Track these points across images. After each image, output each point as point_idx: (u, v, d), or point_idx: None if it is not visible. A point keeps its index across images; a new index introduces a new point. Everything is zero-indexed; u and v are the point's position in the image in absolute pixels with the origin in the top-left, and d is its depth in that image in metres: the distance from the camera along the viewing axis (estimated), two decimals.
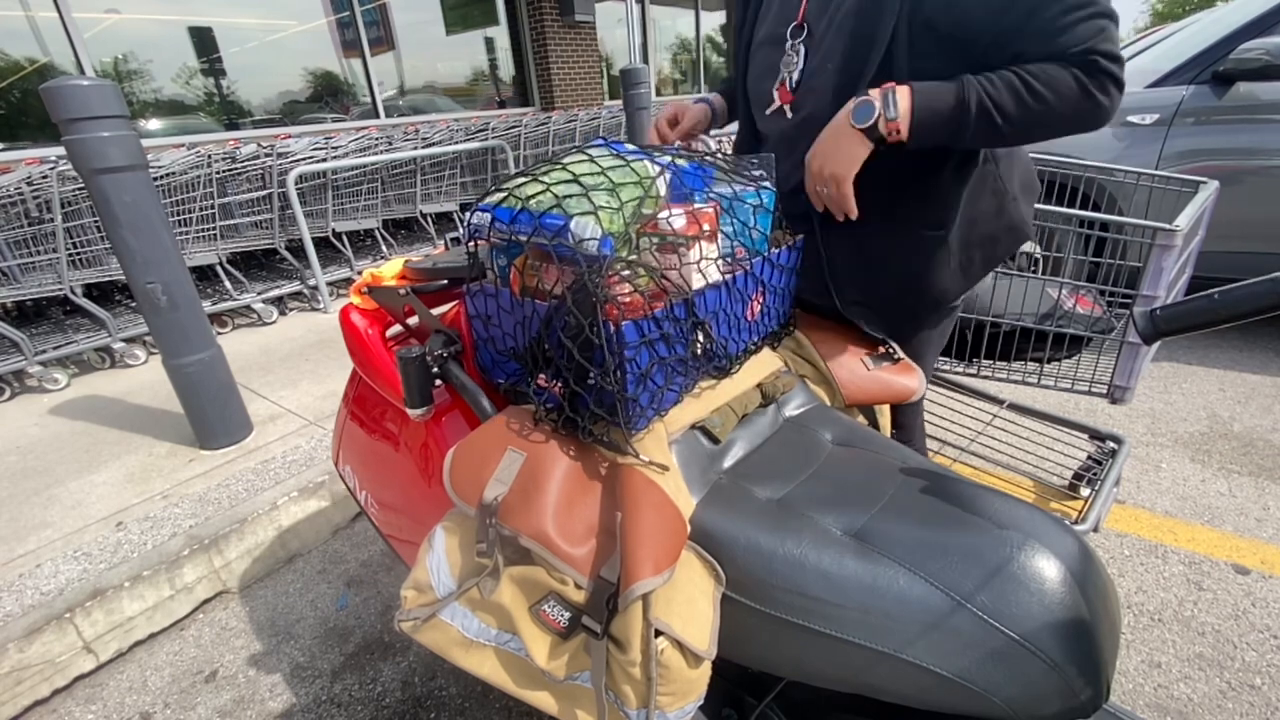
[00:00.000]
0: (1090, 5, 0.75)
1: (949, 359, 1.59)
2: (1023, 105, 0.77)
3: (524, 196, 0.77)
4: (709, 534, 0.74)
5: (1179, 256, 1.25)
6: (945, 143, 0.82)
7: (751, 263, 0.85)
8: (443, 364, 0.87)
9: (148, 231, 2.01)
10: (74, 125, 1.83)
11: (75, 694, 1.51)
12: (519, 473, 0.73)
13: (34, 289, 3.14)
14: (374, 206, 4.44)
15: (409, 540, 1.03)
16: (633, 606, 0.64)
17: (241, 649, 1.59)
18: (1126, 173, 1.76)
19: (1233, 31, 2.48)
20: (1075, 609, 0.59)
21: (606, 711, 0.68)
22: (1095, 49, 0.75)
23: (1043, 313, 1.43)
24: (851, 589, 0.64)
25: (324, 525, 2.00)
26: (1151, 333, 0.58)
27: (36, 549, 1.82)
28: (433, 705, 1.39)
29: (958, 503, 0.70)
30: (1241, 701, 1.25)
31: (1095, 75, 0.76)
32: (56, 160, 3.02)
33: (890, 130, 0.79)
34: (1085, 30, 0.75)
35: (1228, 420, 2.20)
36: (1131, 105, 2.60)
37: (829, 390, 1.03)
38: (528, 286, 0.79)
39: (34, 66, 4.48)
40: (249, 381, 2.84)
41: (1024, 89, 0.77)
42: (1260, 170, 2.42)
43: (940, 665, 0.60)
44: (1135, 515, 1.78)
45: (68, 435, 2.51)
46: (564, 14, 8.03)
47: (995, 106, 0.77)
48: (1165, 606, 1.48)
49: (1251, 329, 2.87)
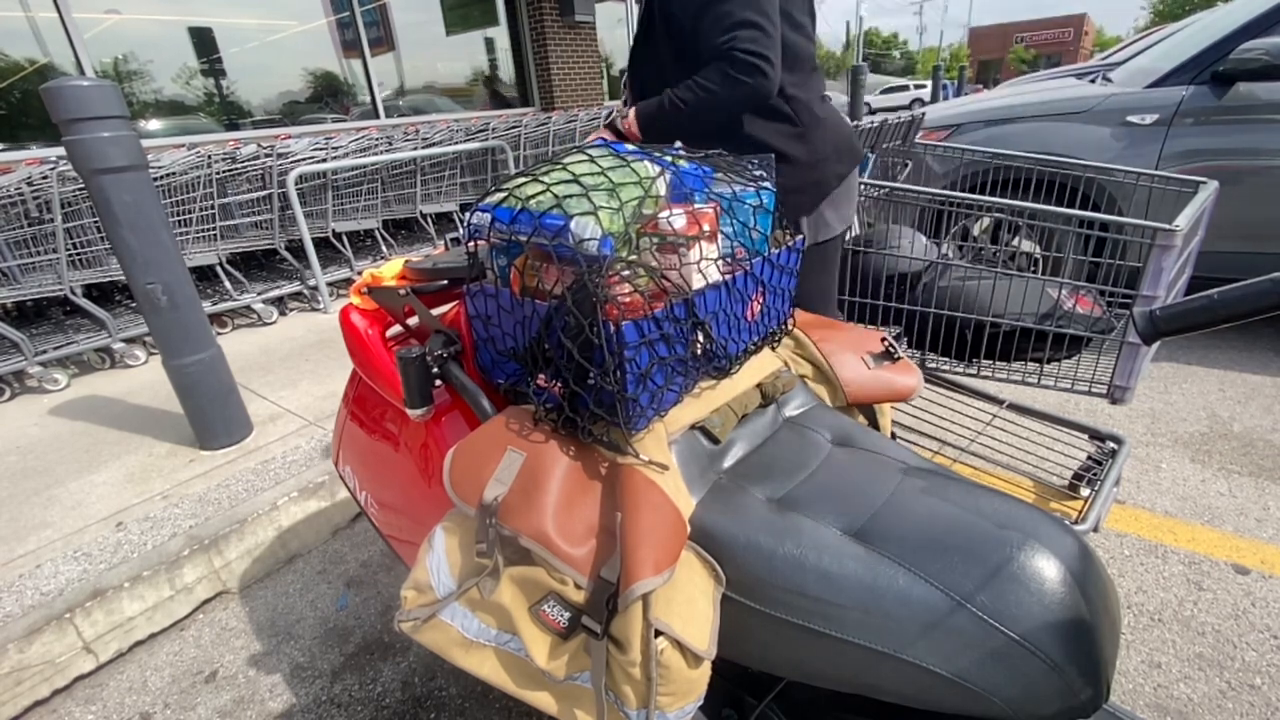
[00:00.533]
0: (731, 17, 1.08)
1: (949, 359, 1.59)
2: (692, 94, 1.13)
3: (524, 196, 0.77)
4: (709, 534, 0.74)
5: (1179, 256, 1.25)
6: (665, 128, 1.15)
7: (751, 263, 0.85)
8: (443, 364, 0.87)
9: (148, 232, 2.01)
10: (74, 125, 1.83)
11: (75, 694, 1.51)
12: (519, 473, 0.74)
13: (34, 289, 3.14)
14: (374, 207, 4.44)
15: (409, 540, 1.03)
16: (633, 606, 0.64)
17: (241, 649, 1.59)
18: (1126, 173, 1.76)
19: (1233, 31, 2.48)
20: (1075, 609, 0.59)
21: (606, 712, 0.68)
22: (734, 46, 1.08)
23: (1043, 313, 1.43)
24: (851, 589, 0.64)
25: (324, 525, 1.99)
26: (1151, 333, 0.58)
27: (36, 549, 1.82)
28: (433, 705, 1.39)
29: (958, 503, 0.70)
30: (1241, 701, 1.25)
31: (736, 64, 1.08)
32: (57, 160, 3.02)
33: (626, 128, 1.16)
34: (725, 36, 1.08)
35: (1228, 420, 2.20)
36: (1131, 105, 2.60)
37: (829, 390, 1.03)
38: (528, 286, 0.79)
39: (34, 67, 4.48)
40: (249, 382, 2.84)
41: (694, 85, 1.13)
42: (1260, 170, 2.42)
43: (940, 665, 0.60)
44: (1135, 515, 1.78)
45: (68, 435, 2.51)
46: (564, 14, 8.03)
47: (677, 99, 1.14)
48: (1165, 606, 1.48)
49: (1251, 329, 2.87)
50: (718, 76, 1.10)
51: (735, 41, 1.08)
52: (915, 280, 1.58)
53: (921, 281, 1.56)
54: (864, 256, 1.61)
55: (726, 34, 1.08)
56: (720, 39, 1.08)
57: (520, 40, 8.14)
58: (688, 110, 1.12)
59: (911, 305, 1.55)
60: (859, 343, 1.09)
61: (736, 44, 1.08)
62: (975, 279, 1.50)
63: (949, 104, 3.64)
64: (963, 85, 12.95)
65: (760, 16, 1.08)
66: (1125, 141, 2.60)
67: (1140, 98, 2.60)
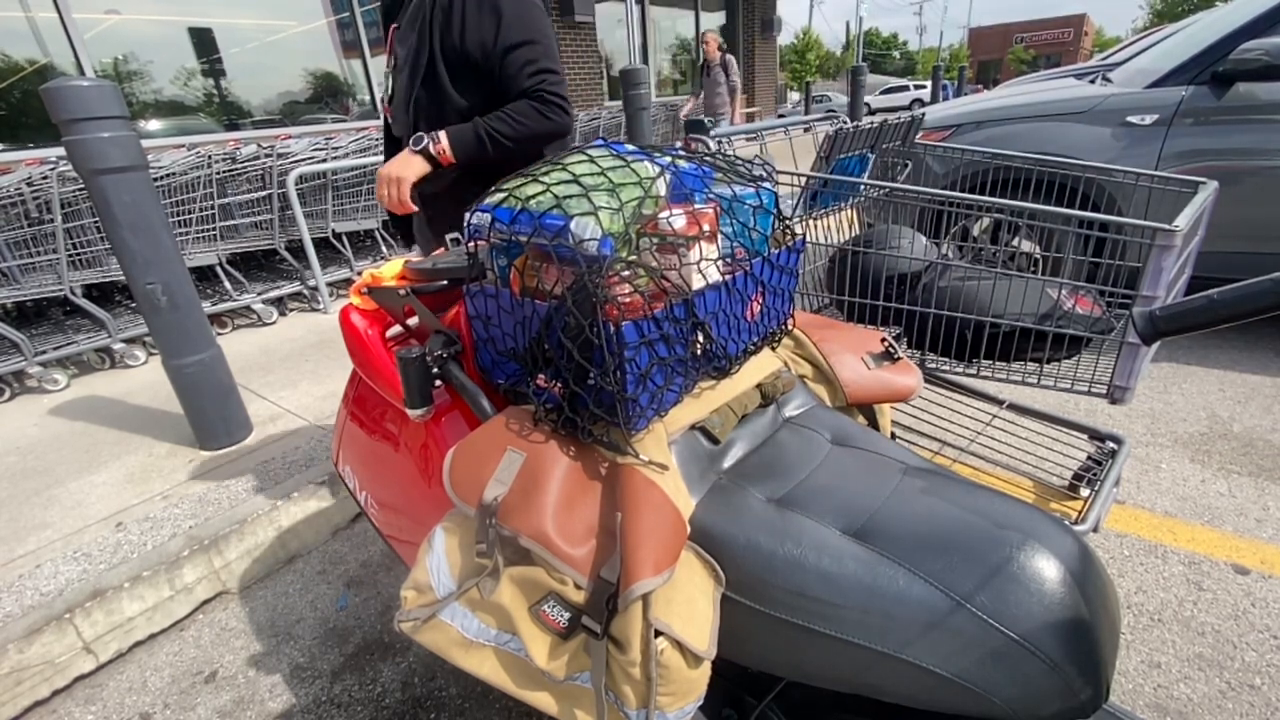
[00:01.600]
0: (537, 64, 1.26)
1: (949, 359, 1.59)
2: (510, 127, 1.27)
3: (524, 197, 0.77)
4: (709, 534, 0.74)
5: (1178, 257, 1.25)
6: (477, 155, 1.28)
7: (751, 263, 0.85)
8: (442, 364, 0.87)
9: (148, 232, 2.01)
10: (74, 126, 1.83)
11: (75, 694, 1.51)
12: (519, 473, 0.74)
13: (34, 289, 3.14)
14: (374, 207, 4.43)
15: (409, 541, 1.03)
16: (633, 607, 0.64)
17: (241, 649, 1.59)
18: (1126, 173, 1.76)
19: (1233, 31, 2.48)
20: (1075, 609, 0.59)
21: (606, 712, 0.68)
22: (543, 88, 1.27)
23: (1042, 313, 1.42)
24: (851, 589, 0.64)
25: (324, 525, 1.99)
26: (1151, 333, 0.58)
27: (36, 549, 1.82)
28: (433, 706, 1.39)
29: (957, 503, 0.70)
30: (1241, 701, 1.25)
31: (544, 104, 1.27)
32: (56, 161, 3.02)
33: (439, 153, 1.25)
34: (534, 79, 1.26)
35: (1228, 420, 2.20)
36: (1131, 105, 2.60)
37: (829, 390, 1.03)
38: (528, 287, 0.79)
39: (34, 67, 4.48)
40: (249, 382, 2.84)
41: (509, 119, 1.27)
42: (1260, 170, 2.42)
43: (940, 665, 0.60)
44: (1135, 515, 1.78)
45: (68, 436, 2.51)
46: (564, 14, 8.03)
47: (494, 130, 1.26)
48: (1165, 606, 1.48)
49: (1251, 329, 2.87)
50: (532, 113, 1.28)
51: (545, 84, 1.28)
52: (915, 280, 1.58)
53: (921, 282, 1.56)
54: (864, 256, 1.61)
55: (535, 77, 1.27)
56: (529, 81, 1.26)
57: None
58: (506, 141, 1.28)
59: (911, 305, 1.55)
60: (859, 343, 1.09)
61: (546, 86, 1.28)
62: (975, 279, 1.50)
63: (949, 104, 3.64)
64: (962, 85, 12.95)
65: (560, 67, 1.33)
66: (1125, 142, 2.60)
67: (1140, 98, 2.60)
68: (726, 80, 6.34)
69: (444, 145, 1.26)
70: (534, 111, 1.28)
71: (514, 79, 1.27)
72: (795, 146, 1.95)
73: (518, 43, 1.26)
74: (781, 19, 13.22)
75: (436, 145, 1.26)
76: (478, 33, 1.26)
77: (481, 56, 1.27)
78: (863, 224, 1.97)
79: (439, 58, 1.30)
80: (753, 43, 12.62)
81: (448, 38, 1.27)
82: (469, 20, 1.26)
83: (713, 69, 6.39)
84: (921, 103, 22.53)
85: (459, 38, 1.27)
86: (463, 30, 1.26)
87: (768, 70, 13.32)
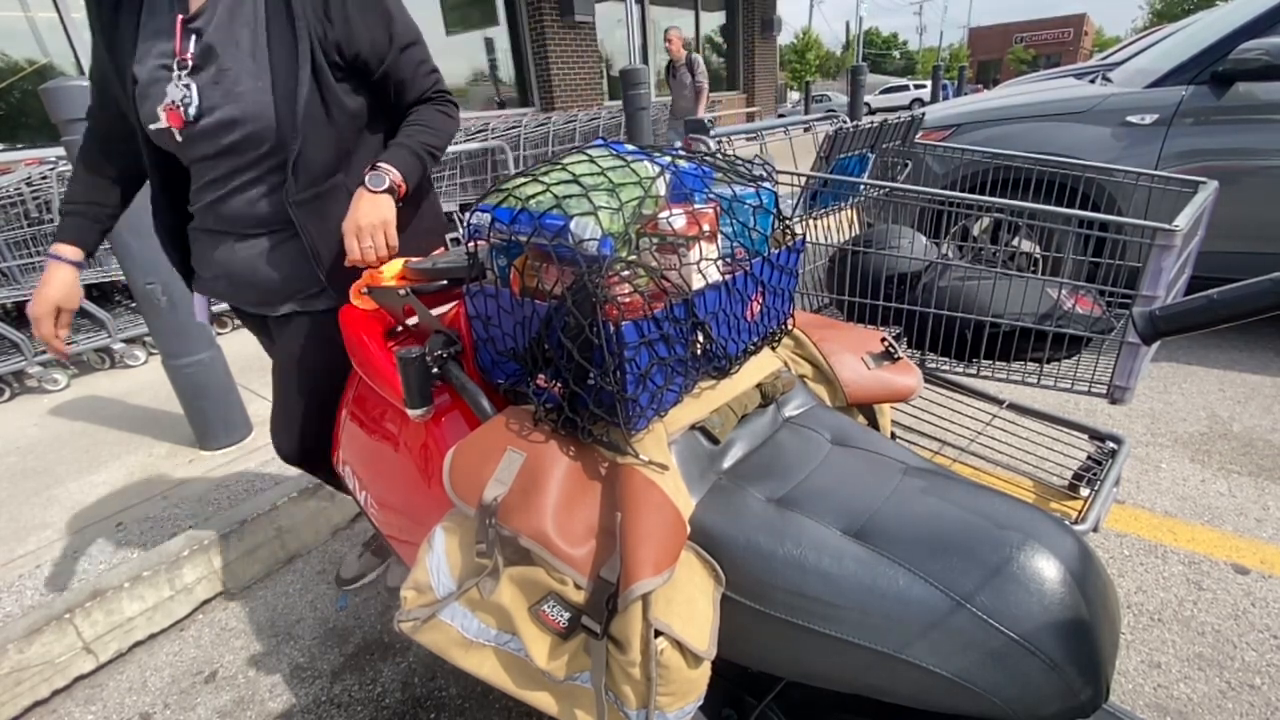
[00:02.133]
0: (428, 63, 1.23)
1: (949, 359, 1.59)
2: (437, 138, 1.24)
3: (524, 197, 0.77)
4: (709, 534, 0.74)
5: (1178, 256, 1.25)
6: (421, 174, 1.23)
7: (751, 263, 0.85)
8: (442, 364, 0.87)
9: (148, 232, 2.00)
10: (74, 125, 1.83)
11: (75, 694, 1.51)
12: (519, 473, 0.74)
13: (34, 289, 3.13)
14: None
15: (409, 540, 1.03)
16: (632, 607, 0.64)
17: (241, 649, 1.59)
18: (1126, 173, 1.76)
19: (1232, 31, 2.48)
20: (1075, 609, 0.59)
21: (606, 712, 0.68)
22: (440, 87, 1.26)
23: (1042, 313, 1.43)
24: (851, 589, 0.64)
25: (324, 525, 1.99)
26: (1151, 333, 0.58)
27: (36, 549, 1.82)
28: (433, 706, 1.39)
29: (957, 502, 0.70)
30: (1241, 701, 1.25)
31: (446, 104, 1.26)
32: (56, 160, 3.02)
33: (395, 185, 1.15)
34: (429, 79, 1.24)
35: (1228, 420, 2.20)
36: (1131, 105, 2.60)
37: (829, 390, 1.03)
38: (528, 287, 0.79)
39: (34, 67, 4.48)
40: (249, 382, 2.84)
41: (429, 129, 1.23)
42: (1260, 170, 2.42)
43: (940, 665, 0.60)
44: (1135, 515, 1.78)
45: (68, 436, 2.51)
46: (564, 14, 8.04)
47: (428, 146, 1.22)
48: (1165, 606, 1.48)
49: (1251, 329, 2.87)
50: (443, 118, 1.26)
51: (439, 84, 1.26)
52: (915, 280, 1.58)
53: (921, 281, 1.56)
54: (864, 256, 1.61)
55: (430, 77, 1.24)
56: (427, 81, 1.24)
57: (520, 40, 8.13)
58: (438, 154, 1.25)
59: (911, 305, 1.55)
60: (859, 343, 1.09)
61: (440, 86, 1.26)
62: (975, 279, 1.50)
63: (949, 104, 3.64)
64: (962, 85, 12.95)
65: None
66: (1125, 141, 2.60)
67: (1140, 98, 2.60)
68: (692, 81, 5.86)
69: (397, 177, 1.14)
70: (444, 116, 1.26)
71: (410, 80, 1.21)
72: (795, 146, 1.95)
73: (410, 42, 1.19)
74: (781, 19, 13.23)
75: (393, 178, 1.13)
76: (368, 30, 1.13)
77: (374, 56, 1.15)
78: (863, 224, 1.97)
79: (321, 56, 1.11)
80: (753, 42, 12.63)
81: (331, 33, 1.10)
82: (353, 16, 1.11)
83: (678, 69, 5.93)
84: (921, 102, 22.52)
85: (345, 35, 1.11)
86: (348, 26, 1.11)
87: (768, 70, 13.33)
